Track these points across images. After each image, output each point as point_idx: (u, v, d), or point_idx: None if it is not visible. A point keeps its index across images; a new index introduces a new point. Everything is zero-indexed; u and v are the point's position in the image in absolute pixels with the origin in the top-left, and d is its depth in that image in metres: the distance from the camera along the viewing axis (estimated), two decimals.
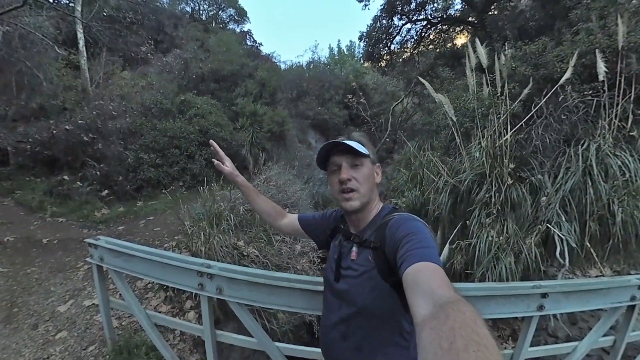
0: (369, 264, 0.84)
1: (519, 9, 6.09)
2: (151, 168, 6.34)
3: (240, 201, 4.43)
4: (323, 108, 11.60)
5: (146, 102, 7.29)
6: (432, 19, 7.76)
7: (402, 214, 0.84)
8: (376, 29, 8.15)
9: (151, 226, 4.97)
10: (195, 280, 1.43)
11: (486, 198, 4.03)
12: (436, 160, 5.19)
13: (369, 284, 0.83)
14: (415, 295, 0.57)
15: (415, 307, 0.55)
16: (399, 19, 7.89)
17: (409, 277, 0.63)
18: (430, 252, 0.67)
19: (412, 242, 0.70)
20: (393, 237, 0.76)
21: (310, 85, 11.89)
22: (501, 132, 4.08)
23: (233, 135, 7.36)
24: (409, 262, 0.65)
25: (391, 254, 0.75)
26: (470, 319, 0.41)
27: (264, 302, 1.40)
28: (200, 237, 3.49)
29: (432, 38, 8.87)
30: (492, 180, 4.03)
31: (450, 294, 0.52)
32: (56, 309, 2.92)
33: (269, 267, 3.51)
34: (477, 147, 4.39)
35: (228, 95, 8.81)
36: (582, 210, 3.27)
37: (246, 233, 3.93)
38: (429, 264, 0.63)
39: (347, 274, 0.90)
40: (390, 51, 9.13)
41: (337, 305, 0.92)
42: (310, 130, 11.65)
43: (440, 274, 0.61)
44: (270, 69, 10.00)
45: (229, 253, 3.44)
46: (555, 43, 4.02)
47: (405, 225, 0.77)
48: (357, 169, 0.90)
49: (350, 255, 0.91)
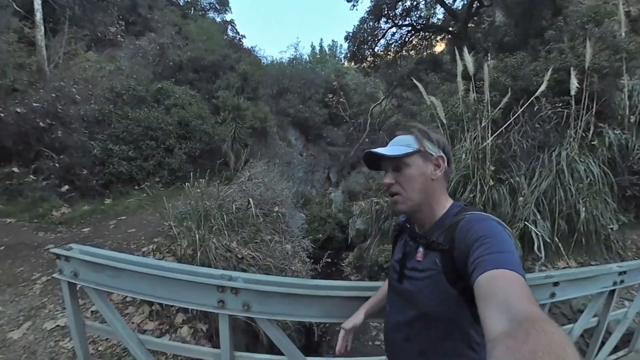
0: (435, 267, 0.79)
1: (495, 24, 6.76)
2: (122, 161, 5.93)
3: (231, 199, 4.34)
4: (304, 106, 11.72)
5: (116, 87, 6.82)
6: (416, 25, 8.27)
7: (474, 213, 0.77)
8: (362, 30, 8.47)
9: (124, 227, 4.49)
10: (214, 297, 1.22)
11: (470, 198, 4.45)
12: None
13: (434, 288, 0.79)
14: (488, 306, 0.53)
15: (488, 319, 0.51)
16: (385, 22, 8.29)
17: (482, 285, 0.58)
18: (507, 258, 0.61)
19: (485, 246, 0.64)
20: (464, 239, 0.71)
21: (292, 82, 11.94)
22: (484, 136, 4.52)
23: (215, 129, 7.18)
24: (482, 268, 0.60)
25: (461, 258, 0.70)
26: (557, 343, 0.36)
27: (301, 315, 1.27)
28: (187, 238, 3.23)
29: (415, 43, 9.45)
30: (476, 181, 4.46)
31: (532, 309, 0.48)
32: (7, 335, 2.31)
33: (271, 271, 3.45)
34: (463, 149, 4.81)
35: (208, 86, 8.55)
36: (553, 209, 3.78)
37: (238, 233, 3.79)
38: (506, 272, 0.58)
39: (411, 275, 0.87)
40: (375, 53, 9.53)
41: (401, 306, 0.90)
42: (290, 127, 11.70)
43: (519, 284, 0.56)
44: (253, 62, 9.88)
45: (222, 256, 3.24)
46: (532, 58, 4.56)
47: (477, 226, 0.71)
48: (401, 170, 0.86)
49: (416, 257, 0.87)
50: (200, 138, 6.89)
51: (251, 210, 4.04)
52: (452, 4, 7.88)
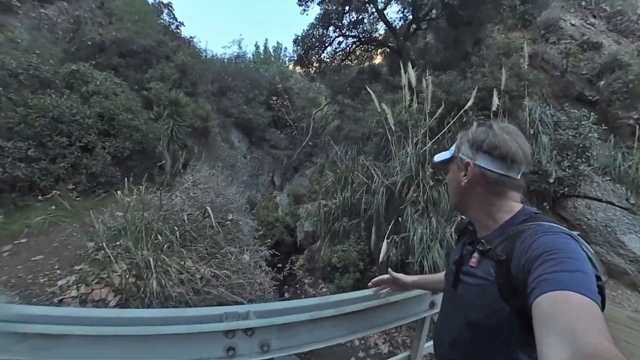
0: (489, 276, 0.74)
1: (429, 45, 7.81)
2: (18, 162, 4.69)
3: (179, 208, 3.82)
4: (248, 107, 11.36)
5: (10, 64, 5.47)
6: (361, 38, 8.92)
7: (542, 224, 0.69)
8: (311, 36, 8.72)
9: (26, 254, 3.45)
10: (220, 346, 0.95)
11: (414, 197, 4.98)
12: (370, 164, 6.03)
13: (485, 298, 0.74)
14: (548, 333, 0.48)
15: (546, 347, 0.47)
16: (333, 30, 8.71)
17: (542, 308, 0.52)
18: (576, 278, 0.53)
19: (551, 263, 0.57)
20: (525, 253, 0.64)
21: (236, 80, 11.44)
22: (424, 141, 5.15)
23: (149, 126, 6.36)
24: (544, 288, 0.54)
25: (519, 274, 0.64)
26: None
27: (328, 338, 1.12)
28: (125, 261, 2.64)
29: (358, 54, 10.16)
30: (419, 182, 5.03)
31: (601, 342, 0.42)
32: None
33: (245, 289, 3.15)
34: (406, 154, 5.37)
35: (138, 75, 7.54)
36: None
37: (190, 249, 3.27)
38: (572, 295, 0.51)
39: (464, 279, 0.84)
40: (321, 59, 9.89)
41: (451, 310, 0.90)
42: (234, 128, 11.18)
43: (588, 311, 0.49)
44: (193, 54, 9.13)
45: (178, 279, 2.74)
46: (461, 77, 5.42)
47: (544, 239, 0.64)
48: (448, 173, 0.94)
49: (470, 261, 0.83)
50: (129, 136, 5.95)
51: (208, 221, 3.57)
52: (393, 22, 8.82)
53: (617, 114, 5.75)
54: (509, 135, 0.80)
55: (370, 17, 8.65)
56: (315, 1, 8.66)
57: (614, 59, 6.22)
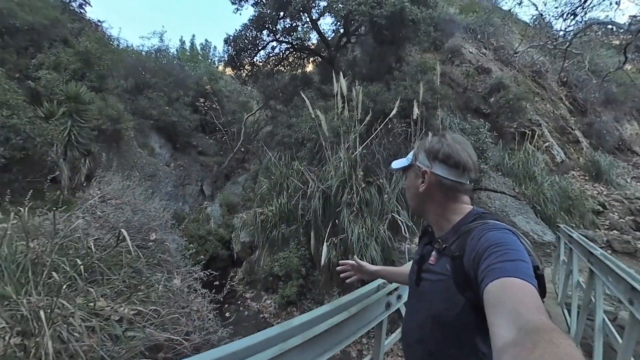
0: (446, 272, 0.82)
1: (357, 58, 8.44)
2: None
3: (82, 232, 3.06)
4: (171, 108, 10.36)
5: None
6: (295, 45, 9.08)
7: (487, 222, 0.79)
8: (243, 37, 8.50)
9: None
10: None
11: (349, 199, 5.26)
12: (304, 170, 6.14)
13: (444, 292, 0.82)
14: (497, 315, 0.54)
15: (496, 328, 0.52)
16: (267, 34, 8.65)
17: (491, 294, 0.59)
18: (517, 266, 0.62)
19: (496, 255, 0.66)
20: (474, 248, 0.73)
21: (156, 77, 10.35)
22: (355, 146, 5.50)
23: (36, 126, 5.23)
24: (492, 277, 0.61)
25: (470, 267, 0.72)
26: (565, 354, 0.37)
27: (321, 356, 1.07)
28: (2, 315, 1.94)
29: (291, 61, 10.32)
30: (352, 184, 5.34)
31: (540, 319, 0.48)
32: None
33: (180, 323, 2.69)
34: (339, 158, 5.64)
35: (22, 60, 6.15)
36: None
37: (102, 285, 2.65)
38: (515, 280, 0.58)
39: (425, 277, 0.92)
40: (254, 62, 9.71)
41: (416, 307, 0.96)
42: (153, 133, 10.03)
43: (529, 293, 0.56)
44: (102, 41, 7.90)
45: (88, 327, 2.14)
46: (387, 88, 6.01)
47: (489, 235, 0.73)
48: (405, 179, 1.02)
49: (430, 260, 0.91)
50: (4, 139, 4.82)
51: (124, 245, 2.96)
52: (326, 33, 9.25)
53: (504, 123, 7.26)
54: (460, 145, 0.89)
55: (304, 26, 8.88)
56: (250, 2, 8.51)
57: (499, 81, 7.80)
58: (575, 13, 7.83)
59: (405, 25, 6.43)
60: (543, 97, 9.32)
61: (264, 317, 5.52)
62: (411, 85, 5.78)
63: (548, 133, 8.01)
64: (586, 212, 5.97)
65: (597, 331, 2.21)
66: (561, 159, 7.82)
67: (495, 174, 6.18)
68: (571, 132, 8.85)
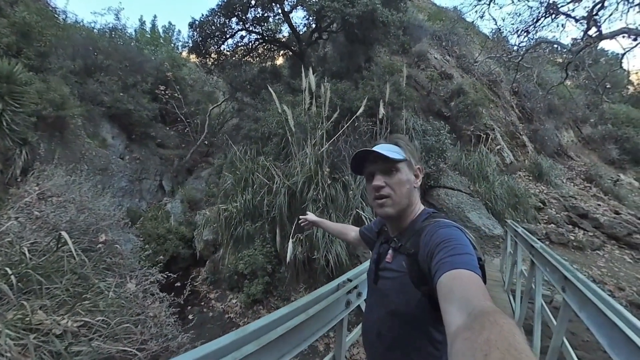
0: (402, 269, 0.88)
1: (328, 55, 8.56)
2: None
3: (14, 236, 2.78)
4: (126, 94, 9.63)
5: None
6: (265, 36, 8.92)
7: (438, 221, 0.86)
8: (210, 23, 8.15)
9: None
10: None
11: (314, 195, 5.36)
12: (270, 165, 6.12)
13: (400, 288, 0.88)
14: (449, 304, 0.59)
15: (449, 316, 0.57)
16: (236, 23, 8.38)
17: (443, 285, 0.65)
18: (465, 259, 0.69)
19: (446, 250, 0.72)
20: (427, 245, 0.79)
21: (110, 60, 9.54)
22: (321, 143, 5.61)
23: None
24: (443, 270, 0.67)
25: (424, 262, 0.78)
26: (507, 332, 0.41)
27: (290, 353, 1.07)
28: None
29: (260, 52, 10.13)
30: (318, 181, 5.44)
31: (486, 304, 0.54)
32: None
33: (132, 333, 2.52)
34: (306, 154, 5.71)
35: None
36: None
37: (40, 296, 2.42)
38: (464, 272, 0.65)
39: (383, 275, 0.97)
40: (220, 51, 9.38)
41: (375, 305, 1.01)
42: (105, 121, 9.25)
43: (475, 283, 0.62)
44: (44, 14, 7.10)
45: (16, 346, 1.92)
46: (355, 87, 6.19)
47: (440, 232, 0.79)
48: (392, 174, 0.93)
49: (386, 258, 0.97)
50: None
51: (66, 249, 2.74)
52: (297, 27, 9.17)
53: (462, 126, 7.86)
54: None
55: (276, 17, 8.74)
56: None
57: (459, 87, 8.41)
58: (528, 31, 8.70)
59: (376, 26, 6.66)
60: (497, 104, 10.24)
61: (229, 318, 5.38)
62: (379, 85, 6.02)
63: (500, 137, 8.81)
64: (529, 208, 6.70)
65: (536, 314, 2.55)
66: (510, 161, 8.66)
67: (452, 172, 6.69)
68: (519, 137, 9.83)
